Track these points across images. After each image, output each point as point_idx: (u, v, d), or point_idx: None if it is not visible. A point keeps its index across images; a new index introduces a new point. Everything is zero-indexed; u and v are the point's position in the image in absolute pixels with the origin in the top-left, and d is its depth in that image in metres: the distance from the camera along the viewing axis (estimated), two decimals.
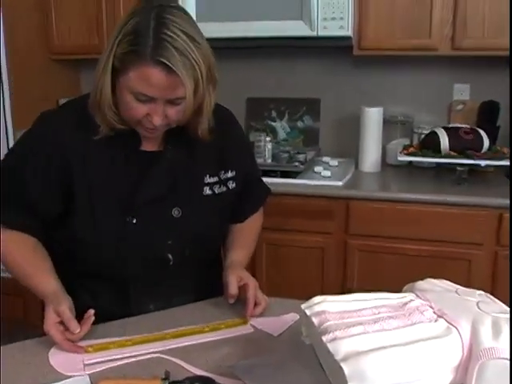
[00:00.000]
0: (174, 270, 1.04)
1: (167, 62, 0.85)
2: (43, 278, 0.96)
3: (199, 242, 1.05)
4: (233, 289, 0.99)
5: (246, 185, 1.14)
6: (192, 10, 1.94)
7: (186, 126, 1.00)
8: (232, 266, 1.05)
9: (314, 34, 1.96)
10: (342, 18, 1.93)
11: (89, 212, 0.98)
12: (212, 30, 0.95)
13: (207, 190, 1.06)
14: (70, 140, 0.97)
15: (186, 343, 0.90)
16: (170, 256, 1.02)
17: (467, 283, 0.80)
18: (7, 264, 1.00)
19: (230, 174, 1.09)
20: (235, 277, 1.01)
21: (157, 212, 1.01)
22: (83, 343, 0.88)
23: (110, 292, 1.03)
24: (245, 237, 1.17)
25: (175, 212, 1.02)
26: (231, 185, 1.10)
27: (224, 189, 1.08)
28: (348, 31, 1.95)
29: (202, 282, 1.11)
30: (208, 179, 1.06)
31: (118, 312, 0.99)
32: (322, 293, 0.77)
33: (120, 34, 0.89)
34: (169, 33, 0.86)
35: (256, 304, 0.99)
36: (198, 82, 0.89)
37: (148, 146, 1.02)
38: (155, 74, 0.87)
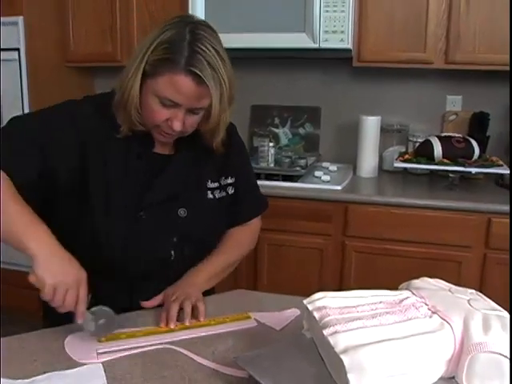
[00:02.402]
0: (175, 268, 1.06)
1: (199, 73, 0.90)
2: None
3: (200, 242, 1.08)
4: (152, 302, 1.00)
5: (241, 194, 1.16)
6: None
7: (201, 137, 1.03)
8: (184, 281, 1.04)
9: (316, 46, 2.00)
10: (342, 32, 1.97)
11: (102, 209, 0.98)
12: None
13: (209, 194, 1.10)
14: (91, 131, 0.98)
15: (194, 335, 0.92)
16: (172, 252, 1.05)
17: (457, 283, 0.81)
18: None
19: (229, 180, 1.13)
20: (170, 292, 1.00)
21: (164, 211, 1.03)
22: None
23: (114, 289, 1.03)
24: (221, 252, 1.13)
25: (181, 212, 1.05)
26: (230, 191, 1.13)
27: (224, 194, 1.12)
28: (348, 44, 1.99)
29: None
30: (210, 184, 1.10)
31: (119, 305, 0.99)
32: (321, 291, 0.77)
33: (154, 43, 0.92)
34: (202, 47, 0.90)
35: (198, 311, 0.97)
36: (223, 97, 0.94)
37: (160, 149, 1.06)
38: (186, 83, 0.91)
